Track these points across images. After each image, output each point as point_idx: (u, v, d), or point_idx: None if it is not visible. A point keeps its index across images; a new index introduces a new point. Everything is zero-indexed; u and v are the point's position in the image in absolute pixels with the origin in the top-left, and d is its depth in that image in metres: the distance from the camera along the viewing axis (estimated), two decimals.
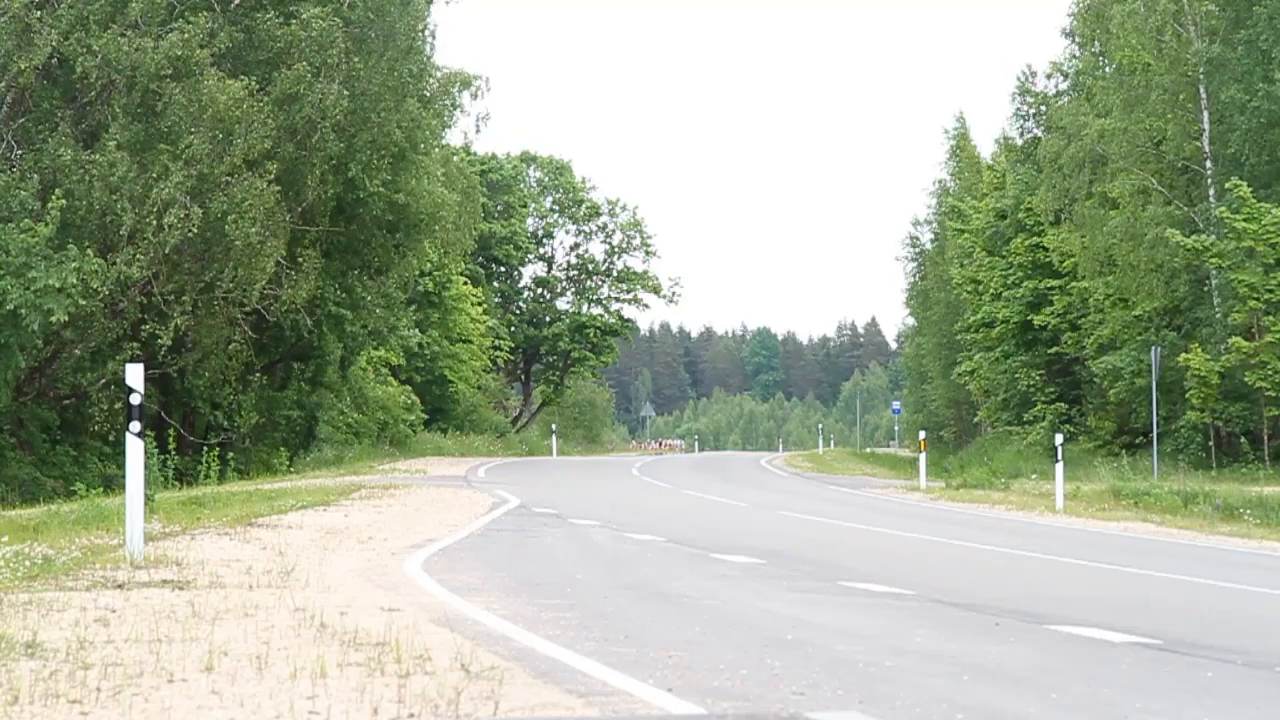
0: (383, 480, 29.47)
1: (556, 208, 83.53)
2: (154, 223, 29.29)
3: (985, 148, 72.04)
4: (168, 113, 29.95)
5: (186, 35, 29.78)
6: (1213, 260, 36.76)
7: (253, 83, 30.48)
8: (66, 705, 6.31)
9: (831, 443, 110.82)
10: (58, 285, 27.36)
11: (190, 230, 29.45)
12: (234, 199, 30.16)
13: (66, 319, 27.83)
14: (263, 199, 30.56)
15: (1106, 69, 44.07)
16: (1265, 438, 36.63)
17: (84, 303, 28.12)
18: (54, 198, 28.15)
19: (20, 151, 29.81)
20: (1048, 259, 49.25)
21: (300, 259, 33.50)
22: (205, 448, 29.88)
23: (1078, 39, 47.16)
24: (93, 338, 30.17)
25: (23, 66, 29.30)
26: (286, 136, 31.85)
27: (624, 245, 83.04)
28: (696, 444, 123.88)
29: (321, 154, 32.32)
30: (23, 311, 27.36)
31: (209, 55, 30.20)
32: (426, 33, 37.22)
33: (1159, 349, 36.25)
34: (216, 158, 29.88)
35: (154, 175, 29.52)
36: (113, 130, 29.73)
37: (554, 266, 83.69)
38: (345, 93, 32.14)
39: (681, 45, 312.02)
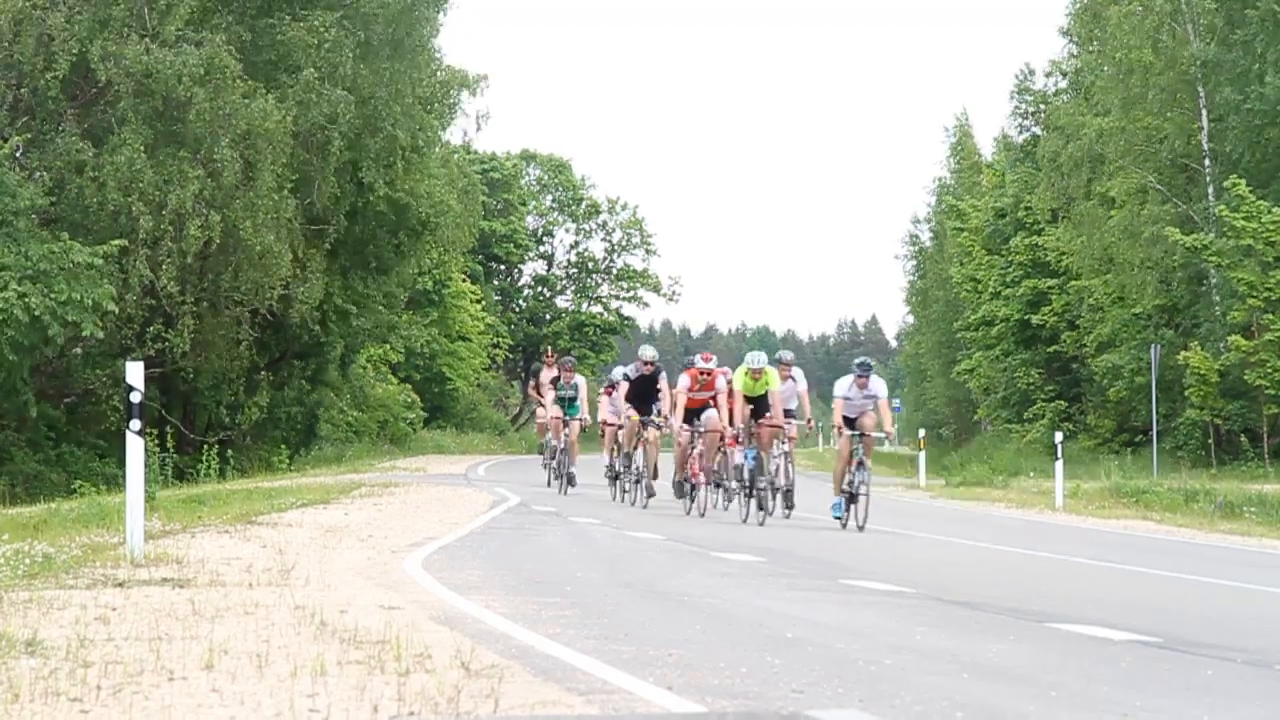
0: (382, 478, 29.39)
1: (556, 206, 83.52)
2: (172, 229, 29.32)
3: (985, 146, 72.03)
4: (189, 119, 29.92)
5: (214, 47, 29.69)
6: (1211, 258, 36.76)
7: (275, 100, 30.44)
8: (67, 703, 6.31)
9: (831, 440, 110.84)
10: (89, 303, 27.45)
11: (214, 240, 29.50)
12: (251, 206, 30.17)
13: (97, 332, 27.94)
14: (280, 206, 30.60)
15: (1105, 68, 44.03)
16: (1265, 435, 36.62)
17: (113, 310, 28.24)
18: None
19: (22, 144, 29.73)
20: (1047, 258, 49.24)
21: (309, 261, 33.52)
22: (205, 446, 29.88)
23: (1076, 38, 47.12)
24: (97, 340, 30.18)
25: (48, 77, 29.27)
26: (298, 143, 31.87)
27: (624, 243, 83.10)
28: None
29: (333, 159, 32.33)
30: (46, 319, 27.36)
31: (238, 66, 30.16)
32: (432, 38, 37.25)
33: (1158, 347, 36.24)
34: (239, 169, 29.87)
35: (169, 179, 29.50)
36: (124, 132, 29.67)
37: (554, 264, 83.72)
38: (352, 98, 32.13)
39: (681, 45, 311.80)
